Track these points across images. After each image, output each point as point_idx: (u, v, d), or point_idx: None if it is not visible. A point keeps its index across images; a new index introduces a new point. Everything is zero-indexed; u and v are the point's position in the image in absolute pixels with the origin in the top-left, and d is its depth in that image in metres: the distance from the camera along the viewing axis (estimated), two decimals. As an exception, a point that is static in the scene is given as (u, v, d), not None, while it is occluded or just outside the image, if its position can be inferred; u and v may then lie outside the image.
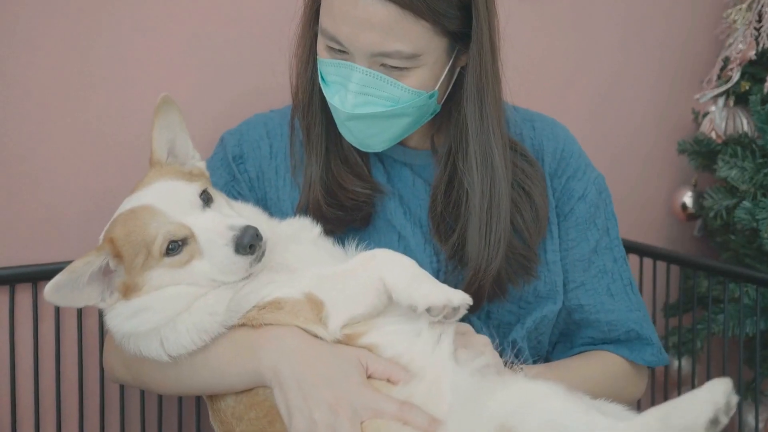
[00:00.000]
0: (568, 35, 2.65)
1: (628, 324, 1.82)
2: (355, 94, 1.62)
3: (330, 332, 1.49)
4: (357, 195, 1.75)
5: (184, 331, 1.50)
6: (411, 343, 1.50)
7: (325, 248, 1.66)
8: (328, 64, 1.65)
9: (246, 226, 1.46)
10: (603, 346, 1.84)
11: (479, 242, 1.69)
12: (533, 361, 1.81)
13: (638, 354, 1.84)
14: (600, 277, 1.83)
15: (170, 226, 1.46)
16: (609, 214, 1.87)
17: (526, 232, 1.76)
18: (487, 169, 1.70)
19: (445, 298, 1.46)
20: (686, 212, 2.78)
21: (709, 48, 2.83)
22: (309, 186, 1.76)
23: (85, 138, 2.01)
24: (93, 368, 2.04)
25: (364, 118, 1.65)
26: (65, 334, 2.01)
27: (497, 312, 1.78)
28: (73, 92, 1.99)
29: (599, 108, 2.71)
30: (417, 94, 1.64)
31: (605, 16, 2.69)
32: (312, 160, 1.76)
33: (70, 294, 1.45)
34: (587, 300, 1.82)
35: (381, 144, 1.71)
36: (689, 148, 2.70)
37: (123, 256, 1.47)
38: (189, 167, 1.63)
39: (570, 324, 1.85)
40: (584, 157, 1.88)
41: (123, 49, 2.03)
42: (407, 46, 1.58)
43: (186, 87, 2.09)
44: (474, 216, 1.70)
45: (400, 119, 1.67)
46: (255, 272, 1.51)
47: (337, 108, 1.66)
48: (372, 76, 1.61)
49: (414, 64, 1.61)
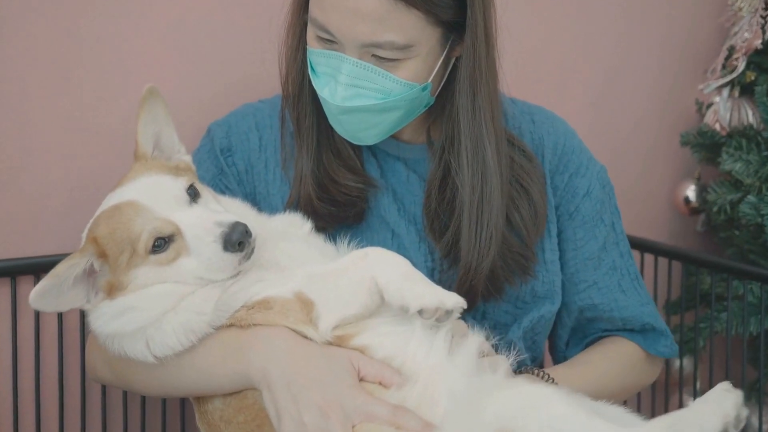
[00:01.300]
0: (567, 23, 2.65)
1: (643, 318, 1.85)
2: (346, 86, 1.62)
3: (320, 333, 1.50)
4: (350, 189, 1.75)
5: (171, 331, 1.50)
6: (404, 345, 1.51)
7: (317, 245, 1.67)
8: (318, 54, 1.65)
9: (235, 223, 1.46)
10: (618, 333, 1.87)
11: (469, 239, 1.70)
12: (530, 362, 1.82)
13: (651, 344, 1.87)
14: (611, 274, 1.85)
15: (156, 222, 1.46)
16: (613, 207, 1.89)
17: (524, 230, 1.77)
18: (479, 164, 1.70)
19: (437, 300, 1.46)
20: (689, 206, 2.78)
21: (713, 36, 2.83)
22: (300, 180, 1.76)
23: (67, 127, 2.01)
24: (74, 366, 2.04)
25: (355, 111, 1.65)
26: (45, 331, 2.01)
27: (493, 312, 1.79)
28: (54, 80, 1.98)
29: (599, 99, 2.71)
30: (409, 87, 1.64)
31: (605, 3, 2.68)
32: (303, 152, 1.76)
33: (55, 299, 1.46)
34: (600, 299, 1.84)
35: (373, 137, 1.71)
36: (692, 140, 2.70)
37: (107, 255, 1.47)
38: (175, 161, 1.63)
39: (582, 320, 1.87)
40: (586, 151, 1.89)
41: (106, 35, 2.02)
42: (399, 36, 1.58)
43: (171, 74, 2.09)
44: (465, 212, 1.70)
45: (392, 112, 1.67)
46: (244, 270, 1.52)
47: (327, 101, 1.66)
48: (363, 68, 1.61)
49: (406, 55, 1.61)
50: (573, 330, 1.89)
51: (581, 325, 1.88)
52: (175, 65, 2.10)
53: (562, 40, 2.64)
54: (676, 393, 2.72)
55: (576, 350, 1.89)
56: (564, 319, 1.87)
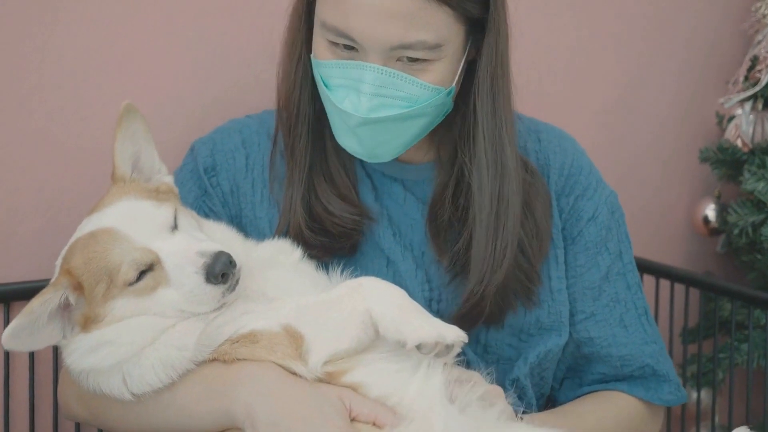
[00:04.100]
0: (576, 26, 2.65)
1: (642, 359, 1.84)
2: (371, 96, 1.63)
3: (310, 369, 1.50)
4: (344, 221, 1.75)
5: (149, 367, 1.51)
6: (400, 382, 1.51)
7: (307, 274, 1.67)
8: (332, 66, 1.65)
9: (218, 252, 1.47)
10: (615, 384, 1.86)
11: (486, 246, 1.71)
12: (536, 399, 1.83)
13: (654, 392, 1.86)
14: (612, 307, 1.85)
15: (135, 252, 1.47)
16: (622, 235, 1.89)
17: (528, 248, 1.78)
18: (498, 167, 1.72)
19: (437, 334, 1.46)
20: (708, 227, 2.79)
21: (735, 45, 2.84)
22: (290, 207, 1.76)
23: (40, 145, 2.01)
24: (46, 400, 2.04)
25: (379, 123, 1.65)
26: (15, 362, 2.01)
27: (495, 345, 1.79)
28: (26, 92, 1.99)
29: (612, 111, 2.72)
30: (436, 91, 1.66)
31: (616, 6, 2.69)
32: (294, 176, 1.77)
33: (29, 338, 1.46)
34: (598, 332, 1.84)
35: (391, 152, 1.72)
36: (712, 156, 2.71)
37: (83, 287, 1.48)
38: (155, 183, 1.64)
39: (578, 358, 1.86)
40: (595, 172, 1.90)
41: (82, 44, 2.02)
42: (430, 35, 1.60)
43: (152, 87, 2.09)
44: (482, 218, 1.71)
45: (416, 121, 1.68)
46: (228, 302, 1.52)
47: (349, 113, 1.65)
48: (388, 75, 1.62)
49: (435, 56, 1.63)
50: (569, 369, 1.88)
51: (578, 365, 1.87)
52: (157, 77, 2.10)
53: (571, 45, 2.65)
54: (692, 427, 2.72)
55: (569, 395, 1.88)
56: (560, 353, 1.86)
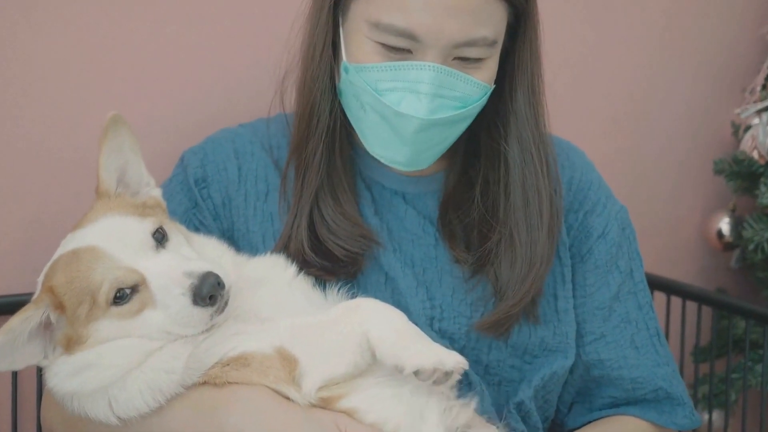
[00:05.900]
0: (585, 30, 2.65)
1: (655, 381, 1.84)
2: (431, 96, 1.64)
3: (304, 394, 1.50)
4: (350, 244, 1.75)
5: (137, 391, 1.51)
6: (397, 408, 1.51)
7: (302, 292, 1.67)
8: (383, 69, 1.65)
9: (205, 273, 1.47)
10: (627, 408, 1.85)
11: (527, 241, 1.73)
12: (542, 422, 1.82)
13: (668, 416, 1.86)
14: (623, 328, 1.85)
15: (118, 271, 1.47)
16: (633, 253, 1.89)
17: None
18: (535, 161, 1.76)
19: (436, 360, 1.46)
20: (722, 241, 2.79)
21: (753, 51, 2.84)
22: (293, 222, 1.76)
23: (22, 157, 2.00)
24: (30, 420, 2.04)
25: (432, 126, 1.66)
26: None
27: (498, 366, 1.79)
28: (10, 101, 1.99)
29: (622, 120, 2.72)
30: (485, 90, 1.69)
31: (627, 10, 2.69)
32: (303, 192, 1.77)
33: (9, 357, 1.46)
34: (608, 354, 1.83)
35: (432, 157, 1.74)
36: (727, 168, 2.71)
37: (65, 307, 1.48)
38: (142, 197, 1.63)
39: (588, 381, 1.86)
40: (605, 187, 1.90)
41: (67, 49, 2.02)
42: (490, 30, 1.63)
43: (140, 96, 2.09)
44: (517, 212, 1.75)
45: (462, 123, 1.71)
46: (217, 324, 1.52)
47: (409, 116, 1.65)
48: (446, 74, 1.64)
49: (490, 53, 1.66)
50: (578, 393, 1.88)
51: (588, 388, 1.87)
52: (145, 86, 2.10)
53: (580, 49, 2.65)
54: (704, 451, 2.72)
55: (578, 421, 1.88)
56: (568, 376, 1.86)
